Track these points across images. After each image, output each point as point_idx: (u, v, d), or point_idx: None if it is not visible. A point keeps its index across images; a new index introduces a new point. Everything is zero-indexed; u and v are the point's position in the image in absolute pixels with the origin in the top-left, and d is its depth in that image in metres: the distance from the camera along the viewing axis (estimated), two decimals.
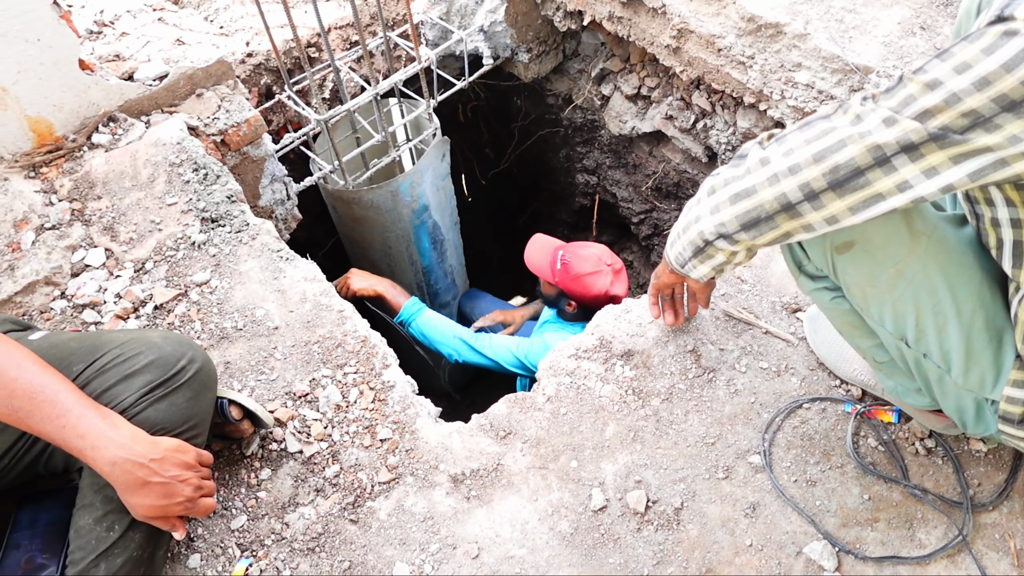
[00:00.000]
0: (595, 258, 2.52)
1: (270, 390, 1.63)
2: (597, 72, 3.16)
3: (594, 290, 2.48)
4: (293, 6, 2.74)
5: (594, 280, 2.49)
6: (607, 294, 2.48)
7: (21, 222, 1.82)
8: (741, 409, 1.63)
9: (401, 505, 1.50)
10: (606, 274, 2.49)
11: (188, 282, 1.78)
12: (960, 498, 1.48)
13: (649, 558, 1.43)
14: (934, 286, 1.15)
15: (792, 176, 1.05)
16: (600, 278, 2.49)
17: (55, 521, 1.28)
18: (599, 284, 2.48)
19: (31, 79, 1.88)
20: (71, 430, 1.13)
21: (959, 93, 0.89)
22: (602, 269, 2.50)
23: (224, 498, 1.48)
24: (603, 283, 2.48)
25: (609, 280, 2.49)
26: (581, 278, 2.49)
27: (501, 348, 2.52)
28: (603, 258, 2.53)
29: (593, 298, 2.50)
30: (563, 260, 2.53)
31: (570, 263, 2.52)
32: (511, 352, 2.50)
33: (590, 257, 2.52)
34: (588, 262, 2.50)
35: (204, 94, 2.19)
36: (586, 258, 2.52)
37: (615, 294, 2.49)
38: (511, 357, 2.49)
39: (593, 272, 2.49)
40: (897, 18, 2.22)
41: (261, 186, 2.36)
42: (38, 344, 1.28)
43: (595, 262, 2.51)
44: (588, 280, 2.49)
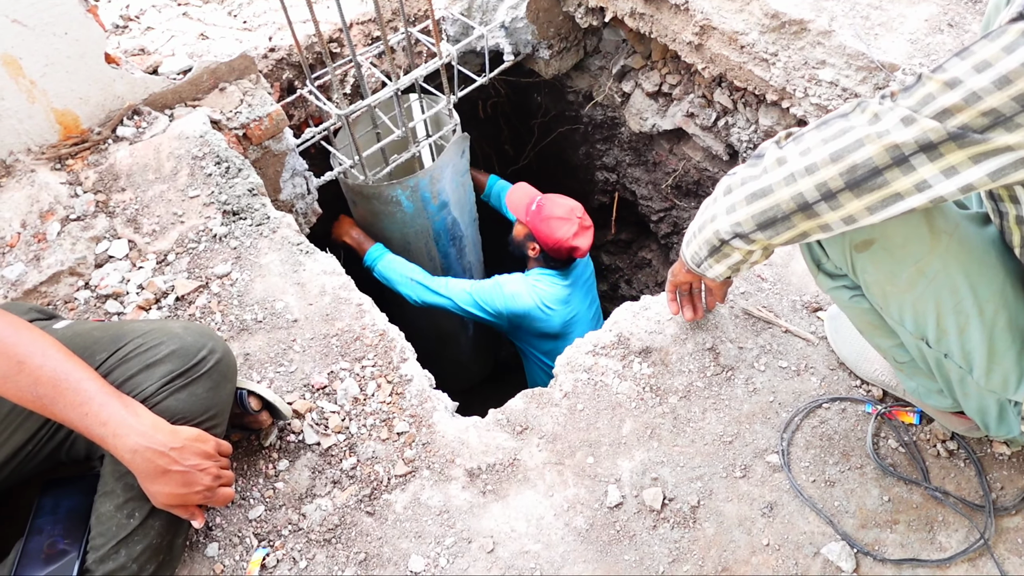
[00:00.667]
0: (568, 207, 2.72)
1: (289, 382, 1.64)
2: (618, 69, 3.14)
3: (558, 234, 2.67)
4: (316, 1, 2.76)
5: (559, 224, 2.67)
6: (568, 243, 2.67)
7: (47, 213, 1.85)
8: (759, 408, 1.62)
9: (417, 498, 1.51)
10: (572, 223, 2.68)
11: (209, 274, 1.80)
12: (982, 501, 1.46)
13: (665, 556, 1.43)
14: (955, 285, 1.13)
15: (809, 175, 1.04)
16: (566, 225, 2.67)
17: (77, 507, 1.30)
18: (563, 230, 2.67)
19: (58, 72, 1.91)
20: (93, 418, 1.15)
21: (979, 92, 0.87)
22: (571, 218, 2.68)
23: (242, 488, 1.49)
24: (567, 230, 2.67)
25: (573, 230, 2.67)
26: (549, 220, 2.68)
27: (458, 289, 2.71)
28: (575, 210, 2.72)
29: (556, 242, 2.68)
30: (539, 203, 2.74)
31: (544, 205, 2.72)
32: (467, 293, 2.69)
33: (564, 204, 2.72)
34: (560, 207, 2.70)
35: (227, 88, 2.21)
36: (559, 204, 2.72)
37: (576, 245, 2.68)
38: (468, 297, 2.68)
39: (561, 217, 2.67)
40: (924, 15, 2.19)
41: (282, 180, 2.38)
42: (62, 333, 1.30)
43: (567, 211, 2.70)
44: (555, 223, 2.67)
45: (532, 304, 2.71)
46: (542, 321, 2.75)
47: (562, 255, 2.74)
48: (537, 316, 2.74)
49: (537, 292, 2.73)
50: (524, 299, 2.70)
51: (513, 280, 2.76)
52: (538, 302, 2.72)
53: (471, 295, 2.68)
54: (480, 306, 2.69)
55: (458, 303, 2.69)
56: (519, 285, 2.74)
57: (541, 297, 2.72)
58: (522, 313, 2.71)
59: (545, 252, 2.76)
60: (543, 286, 2.77)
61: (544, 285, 2.77)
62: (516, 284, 2.74)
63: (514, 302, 2.70)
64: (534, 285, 2.75)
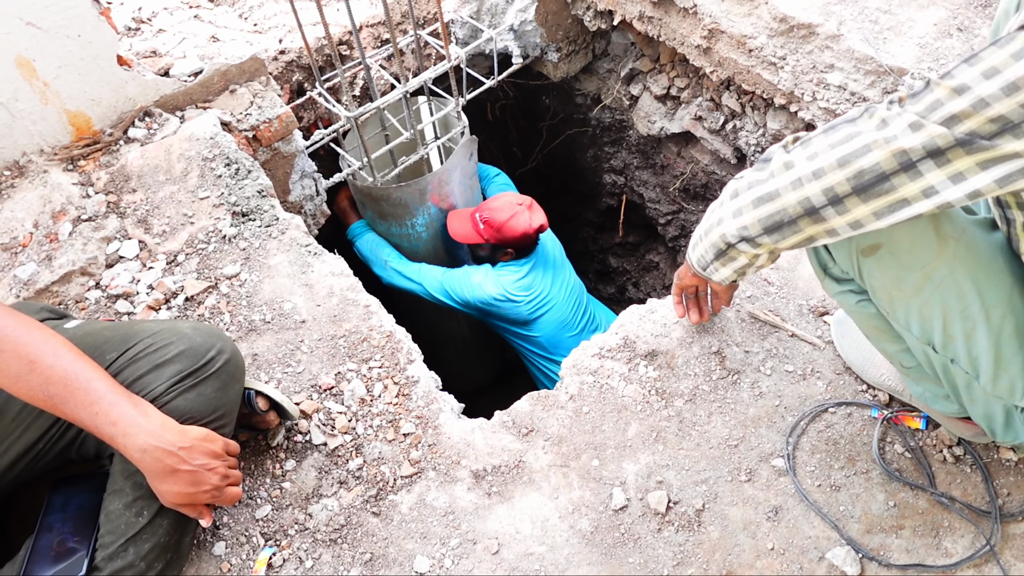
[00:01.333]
0: (508, 204, 2.75)
1: (296, 382, 1.65)
2: (626, 72, 3.15)
3: (519, 229, 2.71)
4: (325, 4, 2.78)
5: (516, 222, 2.71)
6: (532, 228, 2.72)
7: (59, 213, 1.86)
8: (765, 412, 1.62)
9: (423, 499, 1.51)
10: (523, 212, 2.72)
11: (218, 275, 1.82)
12: (988, 507, 1.45)
13: (669, 559, 1.43)
14: (962, 291, 1.13)
15: (816, 180, 1.04)
16: (520, 217, 2.71)
17: (86, 505, 1.32)
18: (521, 223, 2.71)
19: (71, 74, 1.93)
20: (103, 417, 1.16)
21: (987, 98, 0.87)
22: (517, 211, 2.72)
23: (249, 488, 1.50)
24: (524, 220, 2.71)
25: (528, 216, 2.72)
26: (503, 226, 2.71)
27: (429, 276, 2.80)
28: (513, 201, 2.76)
29: (523, 235, 2.73)
30: (483, 219, 2.76)
31: (490, 218, 2.74)
32: (438, 280, 2.78)
33: (504, 205, 2.75)
34: (503, 210, 2.73)
35: (237, 90, 2.22)
36: (501, 207, 2.74)
37: (539, 224, 2.74)
38: (437, 284, 2.77)
39: (511, 215, 2.71)
40: (933, 19, 2.19)
41: (291, 181, 2.40)
42: (73, 332, 1.32)
43: (509, 207, 2.73)
44: (511, 224, 2.71)
45: (497, 292, 2.76)
46: (509, 309, 2.81)
47: (533, 239, 2.81)
48: (503, 305, 2.80)
49: (501, 282, 2.78)
50: (488, 288, 2.76)
51: (480, 271, 2.83)
52: (502, 291, 2.77)
53: (441, 283, 2.78)
54: (448, 293, 2.78)
55: (427, 289, 2.79)
56: (485, 276, 2.80)
57: (505, 286, 2.77)
58: (488, 301, 2.77)
59: (519, 248, 2.82)
60: (507, 276, 2.82)
61: (507, 275, 2.82)
62: (482, 275, 2.80)
63: (479, 291, 2.76)
64: (499, 275, 2.81)
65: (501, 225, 2.71)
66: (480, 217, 2.77)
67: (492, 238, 2.75)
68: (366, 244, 2.90)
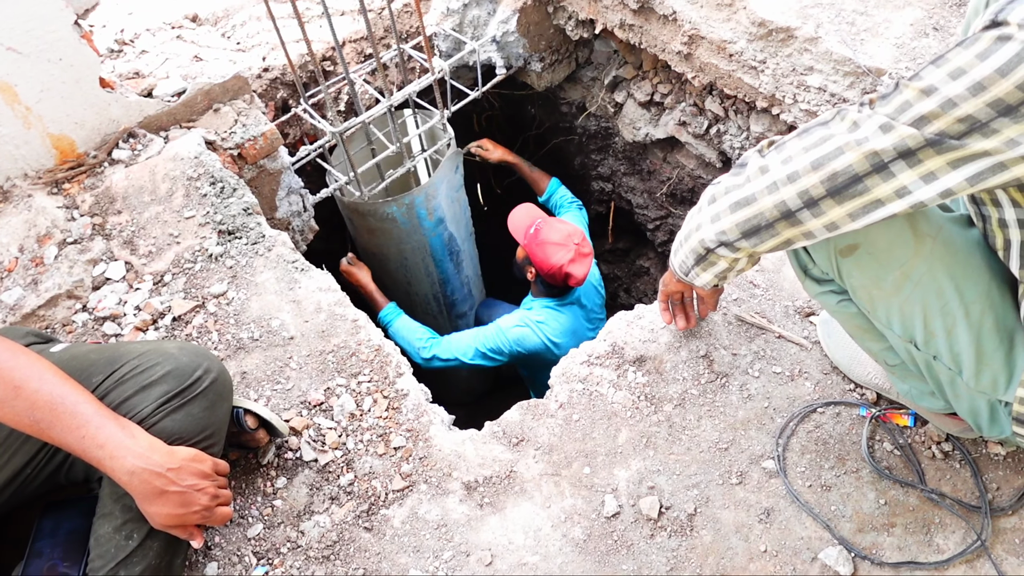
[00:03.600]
0: (566, 233, 2.64)
1: (286, 399, 1.65)
2: (610, 79, 3.17)
3: (552, 260, 2.60)
4: (308, 21, 2.79)
5: (555, 251, 2.60)
6: (563, 269, 2.59)
7: (44, 237, 1.86)
8: (754, 414, 1.62)
9: (415, 513, 1.51)
10: (569, 250, 2.60)
11: (205, 294, 1.82)
12: (978, 502, 1.46)
13: (663, 564, 1.43)
14: (941, 288, 1.14)
15: (791, 184, 1.06)
16: (561, 251, 2.60)
17: (76, 529, 1.31)
18: (558, 256, 2.59)
19: (53, 98, 1.93)
20: (90, 440, 1.16)
21: (954, 99, 0.89)
22: (568, 244, 2.61)
23: (240, 507, 1.50)
24: (562, 256, 2.59)
25: (569, 257, 2.60)
26: (545, 245, 2.62)
27: (463, 347, 2.65)
28: (573, 236, 2.65)
29: (550, 269, 2.62)
30: (537, 226, 2.68)
31: (541, 229, 2.66)
32: (472, 348, 2.64)
33: (561, 230, 2.65)
34: (558, 233, 2.63)
35: (221, 109, 2.23)
36: (558, 230, 2.65)
37: (570, 272, 2.60)
38: (472, 352, 2.64)
39: (557, 243, 2.60)
40: (909, 19, 2.21)
41: (278, 198, 2.40)
42: (59, 356, 1.32)
43: (564, 236, 2.63)
44: (550, 248, 2.61)
45: (539, 342, 2.67)
46: (552, 355, 2.69)
47: (557, 281, 2.67)
48: (545, 352, 2.70)
49: (542, 330, 2.69)
50: (531, 339, 2.66)
51: (515, 321, 2.70)
52: (544, 339, 2.67)
53: (476, 349, 2.64)
54: (486, 356, 2.65)
55: (465, 360, 2.64)
56: (523, 327, 2.68)
57: (546, 334, 2.68)
58: (531, 352, 2.67)
59: (541, 277, 2.71)
60: (546, 321, 2.72)
61: (547, 320, 2.73)
62: (520, 327, 2.68)
63: (521, 344, 2.66)
64: (538, 323, 2.70)
65: (544, 243, 2.61)
66: (537, 223, 2.70)
67: (528, 247, 2.68)
68: (398, 331, 2.74)
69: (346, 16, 2.83)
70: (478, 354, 2.64)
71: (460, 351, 2.64)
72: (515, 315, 2.77)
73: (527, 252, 2.70)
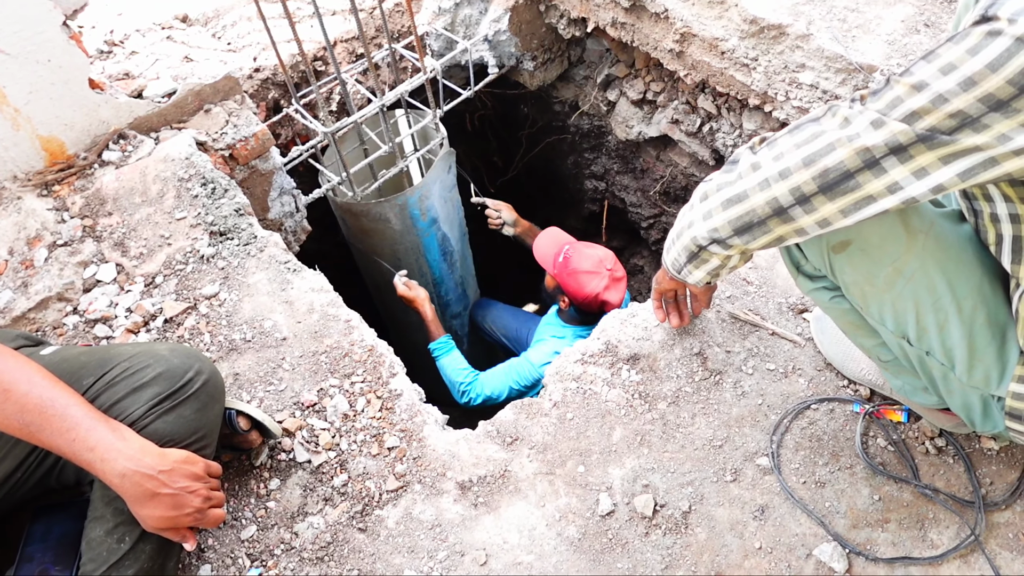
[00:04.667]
0: (597, 259, 2.53)
1: (279, 400, 1.65)
2: (602, 78, 3.17)
3: (587, 289, 2.50)
4: (299, 21, 2.78)
5: (588, 279, 2.50)
6: (598, 297, 2.50)
7: (34, 239, 1.85)
8: (748, 411, 1.62)
9: (409, 513, 1.51)
10: (602, 277, 2.50)
11: (197, 295, 1.81)
12: (972, 497, 1.46)
13: (657, 562, 1.43)
14: (933, 283, 1.14)
15: (783, 180, 1.05)
16: (595, 279, 2.50)
17: (67, 533, 1.30)
18: (592, 285, 2.49)
19: (42, 99, 1.92)
20: (81, 443, 1.15)
21: (945, 94, 0.88)
22: (600, 271, 2.51)
23: (234, 508, 1.49)
24: (596, 285, 2.49)
25: (604, 284, 2.50)
26: (577, 274, 2.51)
27: (497, 384, 2.55)
28: (605, 261, 2.54)
29: (584, 298, 2.52)
30: (566, 254, 2.56)
31: (571, 258, 2.54)
32: (505, 385, 2.54)
33: (592, 257, 2.54)
34: (588, 261, 2.52)
35: (212, 109, 2.22)
36: (588, 256, 2.54)
37: (607, 299, 2.50)
38: (505, 389, 2.53)
39: (589, 272, 2.50)
40: (900, 16, 2.21)
41: (270, 199, 2.39)
42: (49, 359, 1.31)
43: (595, 263, 2.52)
44: (583, 278, 2.50)
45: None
46: None
47: (593, 308, 2.57)
48: None
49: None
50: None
51: (545, 355, 2.57)
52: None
53: (510, 387, 2.55)
54: (520, 393, 2.55)
55: (497, 398, 2.56)
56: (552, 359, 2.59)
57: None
58: None
59: (576, 306, 2.62)
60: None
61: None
62: (550, 358, 2.51)
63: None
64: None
65: (575, 272, 2.51)
66: (566, 250, 2.58)
67: (559, 277, 2.57)
68: (444, 369, 2.66)
69: (337, 16, 2.83)
70: (512, 392, 2.55)
71: (494, 390, 2.56)
72: (545, 346, 2.64)
73: (558, 282, 2.60)
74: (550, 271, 2.62)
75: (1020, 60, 0.82)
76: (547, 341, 2.66)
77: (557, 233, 2.77)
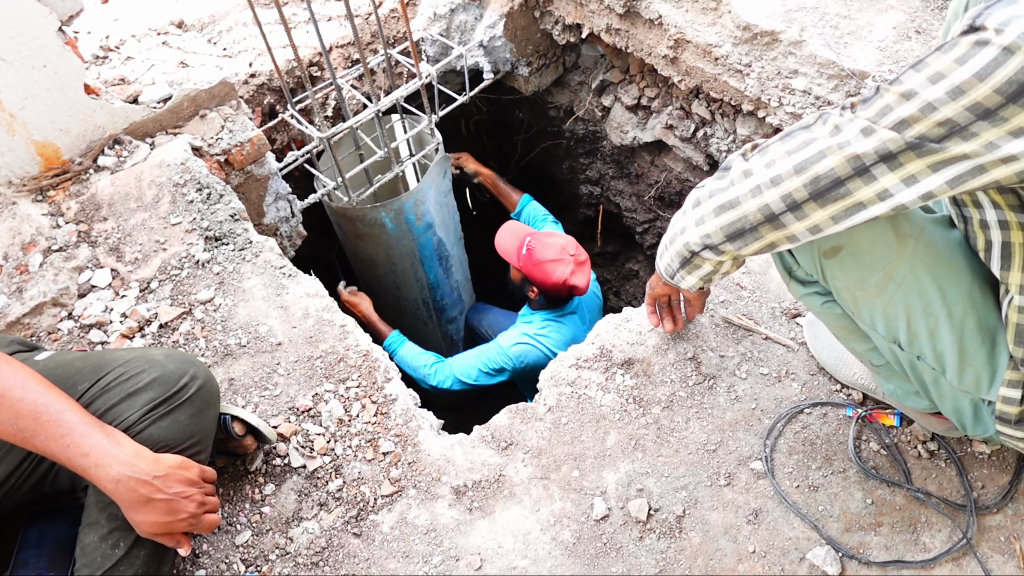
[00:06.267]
0: (559, 247, 2.62)
1: (274, 405, 1.65)
2: (597, 84, 3.18)
3: (554, 277, 2.58)
4: (294, 26, 2.79)
5: (554, 267, 2.58)
6: (566, 283, 2.59)
7: (29, 245, 1.85)
8: (742, 415, 1.63)
9: (404, 518, 1.51)
10: (567, 263, 2.59)
11: (192, 300, 1.81)
12: (964, 501, 1.47)
13: (652, 567, 1.43)
14: (924, 288, 1.15)
15: (774, 187, 1.06)
16: (560, 266, 2.58)
17: (62, 539, 1.30)
18: (559, 272, 2.58)
19: (38, 104, 1.92)
20: (75, 449, 1.15)
21: (934, 103, 0.90)
22: (564, 258, 2.60)
23: (228, 514, 1.49)
24: (563, 271, 2.58)
25: (569, 270, 2.59)
26: (542, 264, 2.59)
27: (464, 368, 2.64)
28: (567, 248, 2.63)
29: (553, 285, 2.61)
30: (529, 246, 2.65)
31: (534, 249, 2.62)
32: (473, 368, 2.63)
33: (554, 245, 2.62)
34: (551, 250, 2.61)
35: (208, 115, 2.22)
36: (550, 246, 2.62)
37: (574, 284, 2.60)
38: (474, 372, 2.63)
39: (554, 260, 2.59)
40: (892, 23, 2.23)
41: (265, 204, 2.39)
42: (44, 364, 1.31)
43: (558, 251, 2.61)
44: (549, 267, 2.58)
45: (540, 355, 2.66)
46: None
47: (563, 294, 2.68)
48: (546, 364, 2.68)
49: (543, 343, 2.68)
50: (532, 354, 2.66)
51: (515, 338, 2.69)
52: (546, 352, 2.66)
53: (479, 370, 2.64)
54: (489, 375, 2.65)
55: (467, 381, 2.65)
56: (523, 343, 2.67)
57: (548, 346, 2.68)
58: (533, 366, 2.66)
59: (545, 294, 2.70)
60: (547, 334, 2.71)
61: (548, 332, 2.71)
62: (520, 344, 2.67)
63: (523, 360, 2.65)
64: (538, 336, 2.69)
65: (540, 262, 2.59)
66: (528, 242, 2.65)
67: (525, 269, 2.64)
68: (404, 360, 2.72)
69: (333, 21, 2.84)
70: (481, 375, 2.63)
71: (463, 373, 2.63)
72: (515, 331, 2.75)
73: (525, 274, 2.67)
74: (515, 264, 2.70)
75: (1007, 70, 0.83)
76: (516, 326, 2.79)
77: (516, 226, 2.83)
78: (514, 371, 2.67)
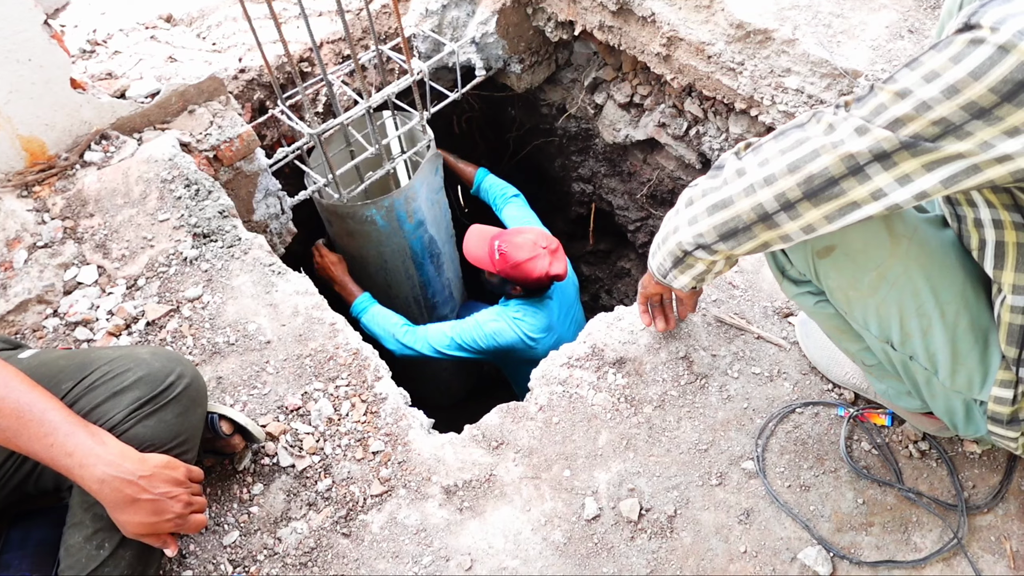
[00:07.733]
0: (530, 244, 2.62)
1: (262, 404, 1.63)
2: (590, 81, 3.17)
3: (535, 274, 2.60)
4: (285, 22, 2.76)
5: (533, 265, 2.60)
6: (548, 275, 2.62)
7: (13, 241, 1.83)
8: (734, 415, 1.62)
9: (394, 518, 1.50)
10: (543, 257, 2.61)
11: (180, 298, 1.79)
12: (955, 501, 1.47)
13: (643, 567, 1.43)
14: (917, 288, 1.15)
15: (768, 186, 1.06)
16: (538, 262, 2.60)
17: (46, 540, 1.28)
18: (539, 268, 2.60)
19: (23, 99, 1.89)
20: (59, 448, 1.13)
21: (928, 102, 0.89)
22: (539, 253, 2.61)
23: (216, 514, 1.48)
24: (542, 266, 2.60)
25: (547, 262, 2.61)
26: (520, 265, 2.60)
27: (438, 336, 2.67)
28: (538, 242, 2.64)
29: (536, 280, 2.63)
30: (500, 250, 2.64)
31: (508, 252, 2.62)
32: (448, 337, 2.66)
33: (525, 244, 2.62)
34: (524, 249, 2.61)
35: (196, 110, 2.20)
36: (521, 245, 2.62)
37: (555, 273, 2.63)
38: (448, 342, 2.66)
39: (531, 258, 2.60)
40: (885, 22, 2.23)
41: (255, 201, 2.37)
42: (27, 363, 1.29)
43: (531, 247, 2.61)
44: (527, 266, 2.60)
45: (515, 338, 2.68)
46: (528, 352, 2.72)
47: (545, 284, 2.70)
48: (521, 348, 2.71)
49: (518, 326, 2.69)
50: (507, 334, 2.67)
51: (492, 317, 2.71)
52: (521, 335, 2.68)
53: (452, 338, 2.66)
54: (461, 348, 2.67)
55: (440, 349, 2.66)
56: (499, 322, 2.69)
57: (524, 330, 2.69)
58: (507, 347, 2.68)
59: (528, 289, 2.72)
60: (523, 317, 2.72)
61: (524, 317, 2.73)
62: (496, 322, 2.69)
63: (496, 339, 2.66)
64: (515, 319, 2.71)
65: (518, 263, 2.59)
66: (498, 246, 2.64)
67: (504, 272, 2.64)
68: (372, 319, 2.72)
69: (323, 17, 2.81)
70: (454, 345, 2.67)
71: (436, 340, 2.67)
72: (493, 310, 2.79)
73: (506, 276, 2.67)
74: (491, 270, 2.70)
75: (1002, 68, 0.83)
76: (494, 308, 2.83)
77: (480, 230, 2.81)
78: (488, 350, 2.69)
